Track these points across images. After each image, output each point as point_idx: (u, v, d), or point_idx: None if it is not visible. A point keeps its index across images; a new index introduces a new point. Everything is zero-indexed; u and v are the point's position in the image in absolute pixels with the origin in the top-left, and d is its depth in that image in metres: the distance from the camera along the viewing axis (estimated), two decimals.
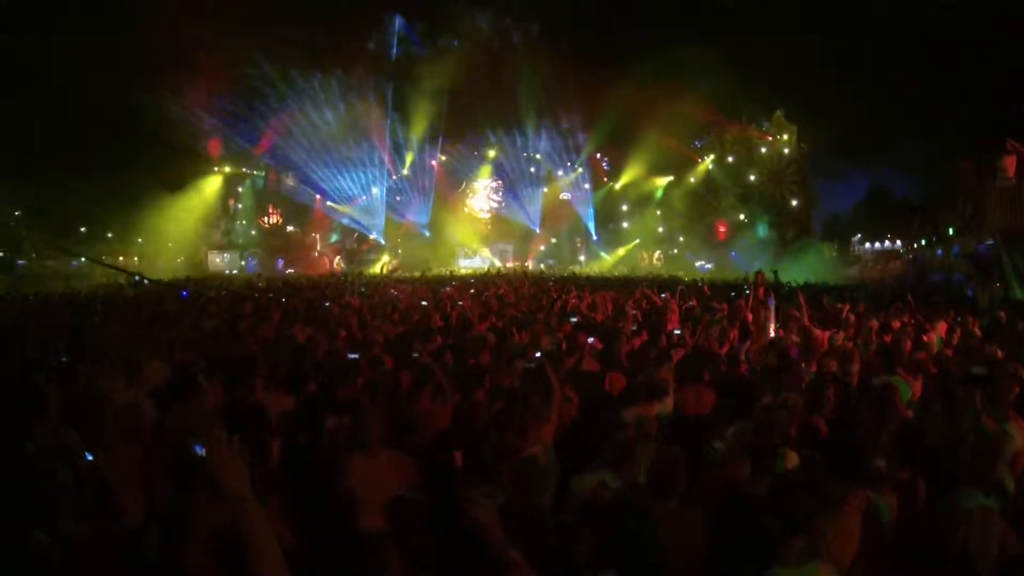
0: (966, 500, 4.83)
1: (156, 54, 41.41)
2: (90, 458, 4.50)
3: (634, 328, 12.31)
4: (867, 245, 57.60)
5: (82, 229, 50.24)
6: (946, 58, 38.43)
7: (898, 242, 54.74)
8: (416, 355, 9.05)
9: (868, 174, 48.97)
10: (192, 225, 51.68)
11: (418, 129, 54.07)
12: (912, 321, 14.40)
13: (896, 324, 13.72)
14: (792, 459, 5.52)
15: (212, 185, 53.57)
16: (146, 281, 29.48)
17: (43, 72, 39.73)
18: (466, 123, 54.89)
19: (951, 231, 41.14)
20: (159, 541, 3.88)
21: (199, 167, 51.43)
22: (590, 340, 10.69)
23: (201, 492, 3.55)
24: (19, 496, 3.84)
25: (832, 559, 3.68)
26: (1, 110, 39.78)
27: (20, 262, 46.89)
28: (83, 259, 41.24)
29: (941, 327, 13.47)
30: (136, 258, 50.84)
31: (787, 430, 6.12)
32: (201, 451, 2.97)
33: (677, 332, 11.43)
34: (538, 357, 8.24)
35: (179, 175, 28.18)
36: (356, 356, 9.15)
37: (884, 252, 56.11)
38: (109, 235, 50.85)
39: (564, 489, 5.16)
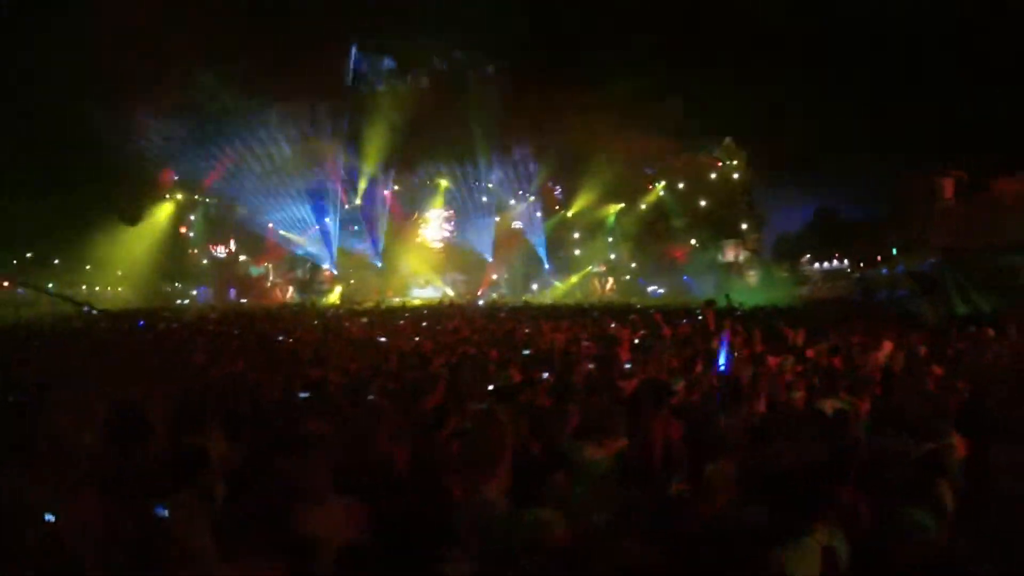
0: (908, 516, 4.94)
1: (109, 76, 40.95)
2: (50, 519, 4.43)
3: (589, 361, 12.34)
4: (815, 265, 58.31)
5: (27, 255, 49.25)
6: (891, 80, 39.17)
7: (845, 261, 55.51)
8: (371, 396, 9.01)
9: (816, 195, 49.79)
10: (142, 253, 50.85)
11: (371, 159, 54.01)
12: (859, 341, 14.65)
13: (841, 344, 13.95)
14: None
15: (163, 212, 52.81)
16: (95, 311, 29.07)
17: None
18: (419, 153, 54.93)
19: (894, 250, 41.91)
20: None
21: (151, 194, 50.77)
22: (544, 375, 10.72)
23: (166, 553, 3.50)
24: None
25: None
26: None
27: None
28: (28, 288, 40.52)
29: (887, 346, 13.73)
30: (84, 286, 50.05)
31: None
32: (164, 512, 2.92)
33: (628, 366, 11.48)
34: (489, 397, 8.25)
35: (136, 207, 27.63)
36: (307, 395, 9.11)
37: (832, 271, 56.84)
38: (56, 261, 49.95)
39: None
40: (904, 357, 12.77)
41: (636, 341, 16.24)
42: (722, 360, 10.82)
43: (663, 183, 56.72)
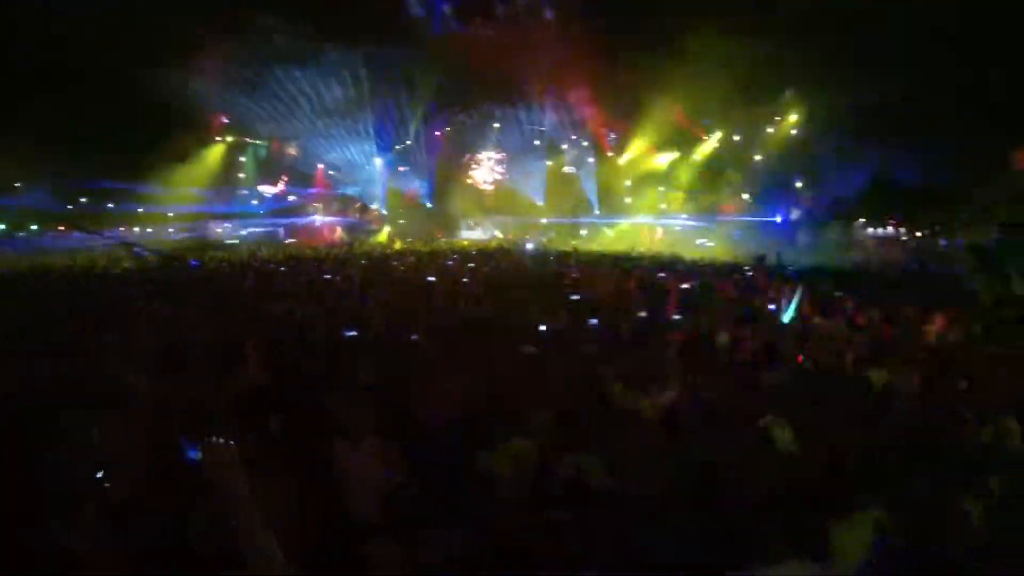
0: (954, 503, 4.85)
1: (157, 19, 41.03)
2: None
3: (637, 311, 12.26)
4: (869, 230, 57.37)
5: (82, 200, 49.84)
6: (966, 46, 38.01)
7: (901, 229, 54.52)
8: (414, 337, 9.00)
9: (877, 159, 48.62)
10: (193, 194, 51.24)
11: (423, 99, 53.74)
12: (911, 312, 14.37)
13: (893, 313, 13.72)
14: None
15: (214, 154, 53.00)
16: (146, 252, 29.40)
17: (40, 41, 39.34)
18: (472, 94, 54.50)
19: (957, 223, 40.97)
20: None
21: (201, 136, 50.94)
22: (592, 322, 10.68)
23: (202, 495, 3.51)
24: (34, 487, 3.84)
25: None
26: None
27: (20, 235, 46.65)
28: (84, 231, 41.05)
29: (939, 320, 13.42)
30: (136, 228, 50.62)
31: None
32: (196, 455, 2.90)
33: (677, 317, 11.38)
34: (538, 340, 8.23)
35: (183, 145, 27.81)
36: (354, 334, 9.14)
37: (886, 238, 55.92)
38: (109, 205, 50.47)
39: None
40: (957, 333, 12.51)
41: (684, 292, 16.05)
42: (791, 312, 10.63)
43: (719, 134, 55.84)
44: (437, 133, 56.56)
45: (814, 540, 3.85)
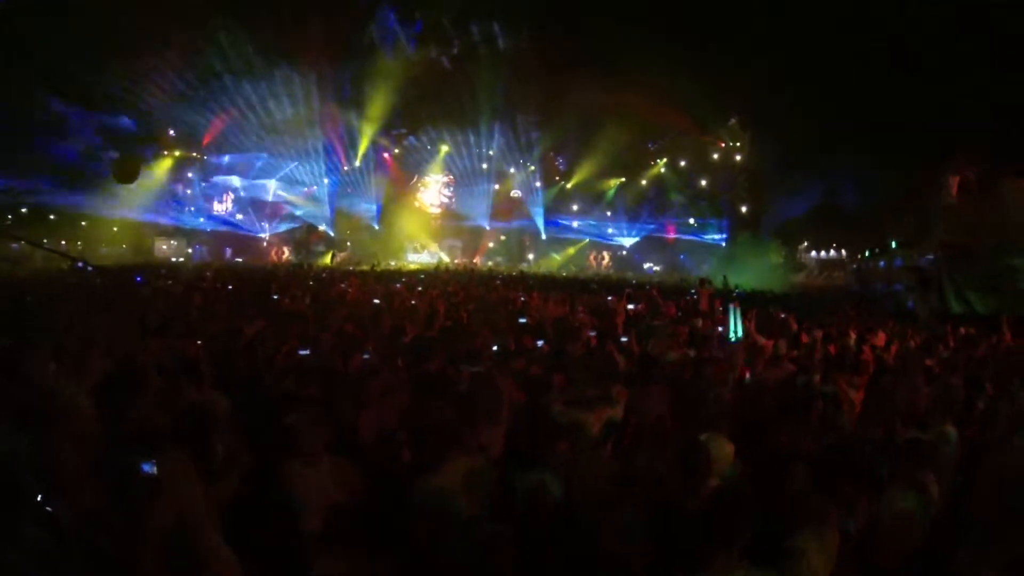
0: (900, 501, 4.99)
1: (109, 30, 40.67)
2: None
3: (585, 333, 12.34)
4: (813, 253, 58.35)
5: (23, 210, 49.09)
6: (901, 71, 38.95)
7: (843, 252, 55.54)
8: (366, 356, 9.01)
9: (818, 184, 49.56)
10: (139, 210, 50.61)
11: (373, 122, 53.70)
12: (854, 331, 14.70)
13: (838, 333, 14.01)
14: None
15: (161, 168, 52.38)
16: (90, 268, 28.93)
17: None
18: (421, 117, 54.60)
19: (894, 244, 41.84)
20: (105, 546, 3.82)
21: (148, 151, 50.33)
22: (539, 343, 10.75)
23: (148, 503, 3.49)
24: None
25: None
26: None
27: None
28: (22, 243, 40.33)
29: (880, 337, 13.80)
30: (79, 242, 49.91)
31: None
32: (151, 469, 2.87)
33: (624, 339, 11.48)
34: (487, 361, 8.27)
35: (131, 164, 27.44)
36: (307, 352, 9.12)
37: (829, 261, 56.92)
38: (51, 217, 49.74)
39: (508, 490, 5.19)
40: (897, 349, 12.84)
41: (631, 314, 16.21)
42: (734, 330, 10.77)
43: (665, 159, 56.46)
44: (386, 155, 56.54)
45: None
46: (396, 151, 57.62)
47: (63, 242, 47.53)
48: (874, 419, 7.54)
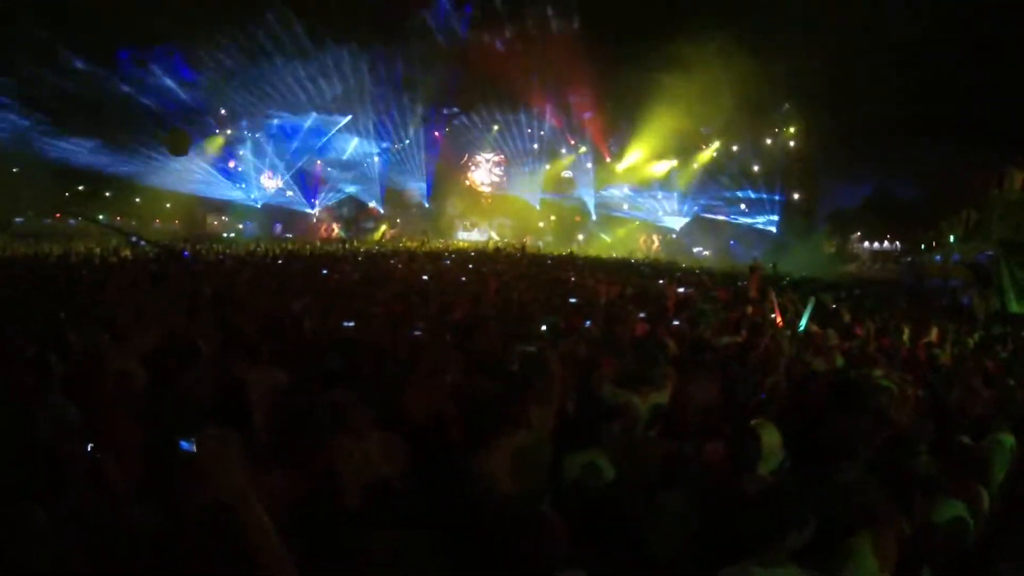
0: (949, 510, 4.85)
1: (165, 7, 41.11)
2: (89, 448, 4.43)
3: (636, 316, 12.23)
4: (866, 244, 57.48)
5: (80, 187, 49.87)
6: (966, 59, 38.07)
7: (897, 244, 54.62)
8: (417, 332, 8.97)
9: (874, 173, 48.63)
10: (191, 186, 51.20)
11: (425, 100, 53.75)
12: (906, 326, 14.41)
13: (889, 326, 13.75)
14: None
15: (213, 146, 52.92)
16: (143, 243, 29.32)
17: (44, 25, 39.38)
18: (472, 97, 54.51)
19: (952, 238, 40.98)
20: (151, 520, 3.82)
21: (201, 128, 50.81)
22: (587, 323, 10.67)
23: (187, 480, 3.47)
24: (21, 474, 3.80)
25: None
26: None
27: (18, 220, 46.64)
28: (79, 219, 41.02)
29: (934, 334, 13.47)
30: (133, 220, 50.62)
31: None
32: (189, 447, 2.82)
33: (676, 323, 11.37)
34: (539, 341, 8.20)
35: (183, 139, 27.86)
36: (351, 325, 9.12)
37: (882, 252, 56.03)
38: (107, 194, 50.48)
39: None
40: (953, 348, 12.53)
41: (681, 298, 16.07)
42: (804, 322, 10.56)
43: (717, 143, 55.84)
44: (436, 134, 56.55)
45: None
46: (447, 129, 57.60)
47: (118, 218, 48.24)
48: (928, 420, 7.30)
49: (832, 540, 3.89)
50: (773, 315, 13.40)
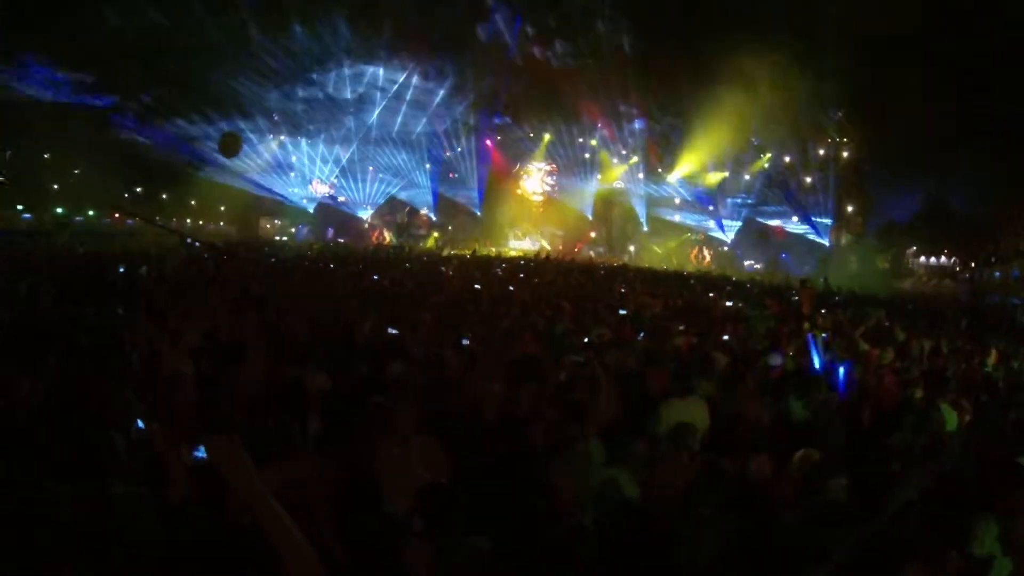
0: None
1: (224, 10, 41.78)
2: (141, 426, 4.52)
3: (681, 328, 12.15)
4: (921, 259, 56.56)
5: (138, 190, 50.79)
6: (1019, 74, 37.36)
7: (954, 259, 53.63)
8: (465, 341, 8.98)
9: (929, 186, 47.82)
10: (245, 190, 51.81)
11: (476, 109, 53.95)
12: (965, 345, 14.13)
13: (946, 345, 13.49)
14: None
15: (267, 150, 53.36)
16: (197, 244, 29.73)
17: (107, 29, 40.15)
18: (524, 107, 54.56)
19: (1011, 253, 40.16)
20: (204, 512, 3.88)
21: (254, 131, 51.37)
22: (639, 336, 10.64)
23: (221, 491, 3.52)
24: (76, 458, 3.88)
25: None
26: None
27: (78, 219, 47.59)
28: (137, 219, 41.69)
29: (993, 355, 13.16)
30: (188, 220, 51.40)
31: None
32: (202, 455, 2.86)
33: (726, 338, 11.27)
34: (586, 353, 8.18)
35: (235, 141, 28.28)
36: (396, 332, 9.16)
37: (938, 268, 55.08)
38: (164, 196, 51.34)
39: None
40: (1010, 370, 12.25)
41: (731, 311, 15.96)
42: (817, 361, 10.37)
43: (769, 154, 55.31)
44: (488, 142, 56.67)
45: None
46: (498, 138, 57.72)
47: (174, 219, 49.02)
48: (980, 445, 7.11)
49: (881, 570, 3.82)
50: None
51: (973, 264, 47.98)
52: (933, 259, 55.71)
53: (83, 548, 3.22)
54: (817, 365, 8.46)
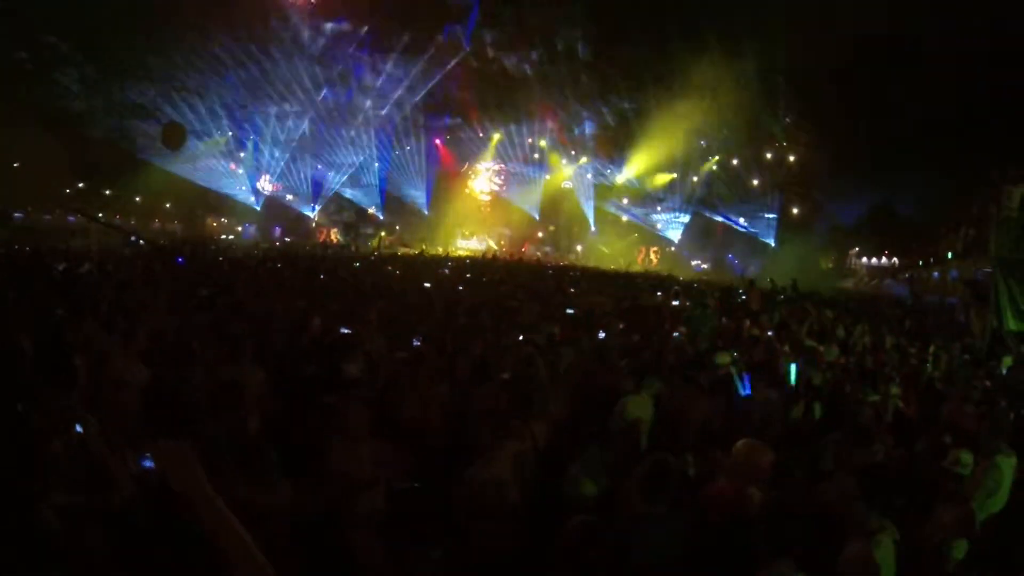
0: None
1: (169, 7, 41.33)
2: (79, 430, 4.43)
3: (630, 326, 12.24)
4: (863, 260, 57.49)
5: (80, 184, 49.93)
6: (965, 80, 38.12)
7: (894, 259, 54.60)
8: (416, 342, 8.96)
9: (874, 190, 48.62)
10: (191, 186, 51.13)
11: (426, 108, 53.81)
12: (903, 342, 14.43)
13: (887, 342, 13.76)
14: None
15: (212, 147, 52.69)
16: (142, 242, 29.26)
17: (46, 18, 39.53)
18: (474, 106, 54.53)
19: (949, 255, 40.98)
20: (150, 519, 3.81)
21: (201, 127, 50.75)
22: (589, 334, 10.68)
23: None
24: (13, 467, 3.79)
25: None
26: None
27: (17, 215, 46.58)
28: (79, 216, 40.95)
29: (930, 351, 13.49)
30: (133, 218, 50.60)
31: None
32: (149, 464, 2.81)
33: (676, 335, 11.37)
34: (533, 350, 8.19)
35: (179, 132, 27.77)
36: (349, 331, 9.10)
37: (879, 268, 55.99)
38: (107, 192, 50.52)
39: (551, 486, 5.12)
40: (948, 366, 12.52)
41: (676, 310, 16.10)
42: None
43: (717, 157, 55.83)
44: (437, 141, 56.56)
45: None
46: (447, 137, 57.62)
47: (117, 216, 48.20)
48: (920, 435, 7.28)
49: (831, 552, 3.89)
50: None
51: (912, 265, 48.89)
52: (875, 260, 56.62)
53: (25, 560, 3.16)
54: (743, 392, 8.54)
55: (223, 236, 52.84)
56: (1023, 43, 34.76)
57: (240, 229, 56.15)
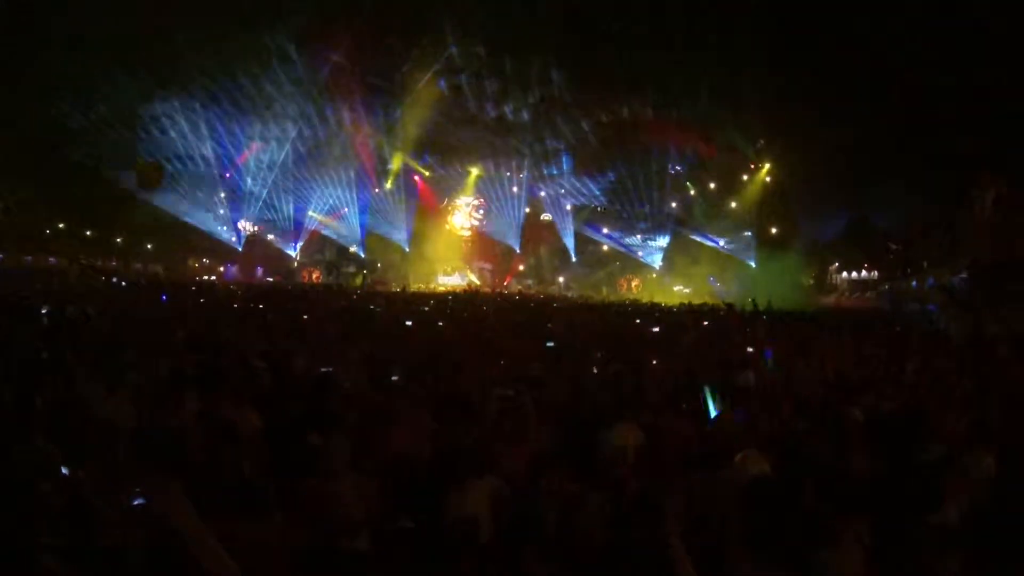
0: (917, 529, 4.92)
1: (146, 46, 41.41)
2: (65, 472, 4.49)
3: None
4: (843, 274, 57.84)
5: (60, 225, 49.76)
6: (935, 87, 38.56)
7: (874, 272, 54.97)
8: (395, 378, 9.03)
9: (849, 204, 49.06)
10: (173, 225, 51.02)
11: (405, 146, 54.00)
12: (885, 352, 14.57)
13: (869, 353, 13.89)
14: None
15: (194, 186, 52.52)
16: (123, 284, 29.25)
17: (30, 60, 39.56)
18: (451, 143, 54.75)
19: (925, 263, 41.34)
20: (140, 558, 3.86)
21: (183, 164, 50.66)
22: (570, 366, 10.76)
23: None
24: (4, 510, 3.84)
25: None
26: None
27: None
28: (60, 258, 40.86)
29: (914, 358, 13.63)
30: (114, 260, 50.49)
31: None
32: (140, 502, 2.86)
33: (654, 362, 11.48)
34: (516, 385, 8.26)
35: (155, 170, 27.71)
36: (329, 371, 9.15)
37: (860, 281, 56.32)
38: (88, 233, 50.40)
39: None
40: (929, 371, 12.66)
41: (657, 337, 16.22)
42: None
43: (694, 181, 56.17)
44: (416, 178, 56.71)
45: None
46: (427, 174, 57.75)
47: (99, 261, 48.09)
48: (904, 442, 7.39)
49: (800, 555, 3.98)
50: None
51: (892, 276, 49.28)
52: (855, 273, 56.96)
53: None
54: (712, 415, 8.64)
55: (204, 276, 52.74)
56: (984, 49, 35.30)
57: (222, 269, 56.06)
